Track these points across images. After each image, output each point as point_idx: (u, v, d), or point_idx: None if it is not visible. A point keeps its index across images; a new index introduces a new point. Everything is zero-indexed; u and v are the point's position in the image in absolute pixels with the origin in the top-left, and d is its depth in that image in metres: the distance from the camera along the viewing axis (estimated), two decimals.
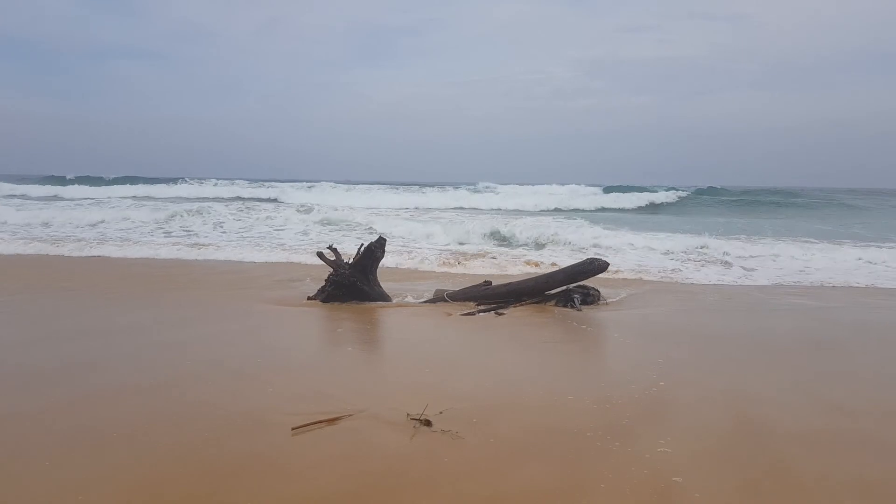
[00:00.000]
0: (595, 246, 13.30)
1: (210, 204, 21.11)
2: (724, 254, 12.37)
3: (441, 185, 47.84)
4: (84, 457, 3.08)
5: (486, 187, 42.49)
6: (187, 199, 28.00)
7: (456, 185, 44.43)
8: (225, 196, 34.18)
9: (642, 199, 34.20)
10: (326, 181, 47.53)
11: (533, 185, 42.93)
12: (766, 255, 12.30)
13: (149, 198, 29.91)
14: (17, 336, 5.72)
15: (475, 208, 29.92)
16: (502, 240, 15.01)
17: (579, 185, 43.61)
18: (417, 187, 42.11)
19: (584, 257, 8.20)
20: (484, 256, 11.87)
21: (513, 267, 10.88)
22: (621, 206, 32.80)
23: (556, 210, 29.62)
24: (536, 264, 11.11)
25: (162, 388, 4.12)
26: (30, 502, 2.66)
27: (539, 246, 13.97)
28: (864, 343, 5.85)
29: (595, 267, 7.39)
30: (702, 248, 12.89)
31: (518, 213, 26.08)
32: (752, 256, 12.18)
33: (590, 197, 35.68)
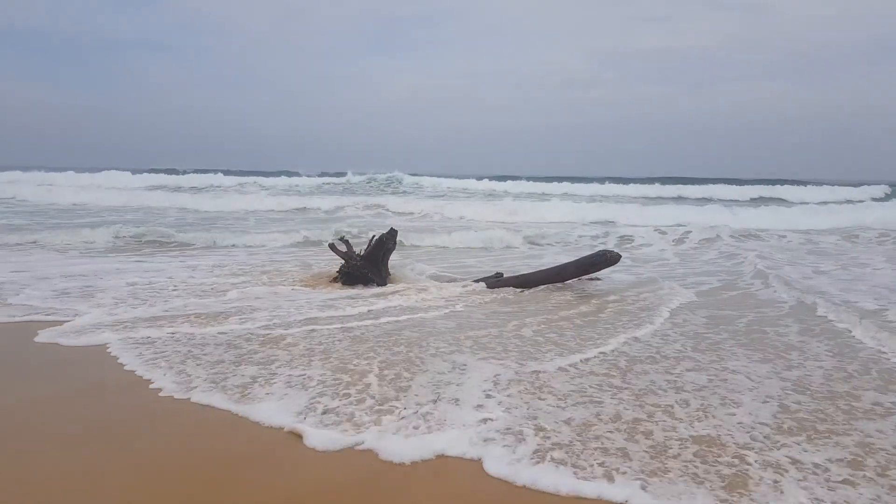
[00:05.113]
0: None
1: None
2: None
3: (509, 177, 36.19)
4: (92, 444, 3.15)
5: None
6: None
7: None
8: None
9: (842, 214, 17.93)
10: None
11: (587, 180, 29.99)
12: None
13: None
14: None
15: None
16: None
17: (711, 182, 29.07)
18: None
19: None
20: None
21: None
22: (843, 224, 16.14)
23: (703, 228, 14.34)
24: None
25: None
26: (41, 489, 2.72)
27: None
28: None
29: (606, 259, 7.39)
30: None
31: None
32: None
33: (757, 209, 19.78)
